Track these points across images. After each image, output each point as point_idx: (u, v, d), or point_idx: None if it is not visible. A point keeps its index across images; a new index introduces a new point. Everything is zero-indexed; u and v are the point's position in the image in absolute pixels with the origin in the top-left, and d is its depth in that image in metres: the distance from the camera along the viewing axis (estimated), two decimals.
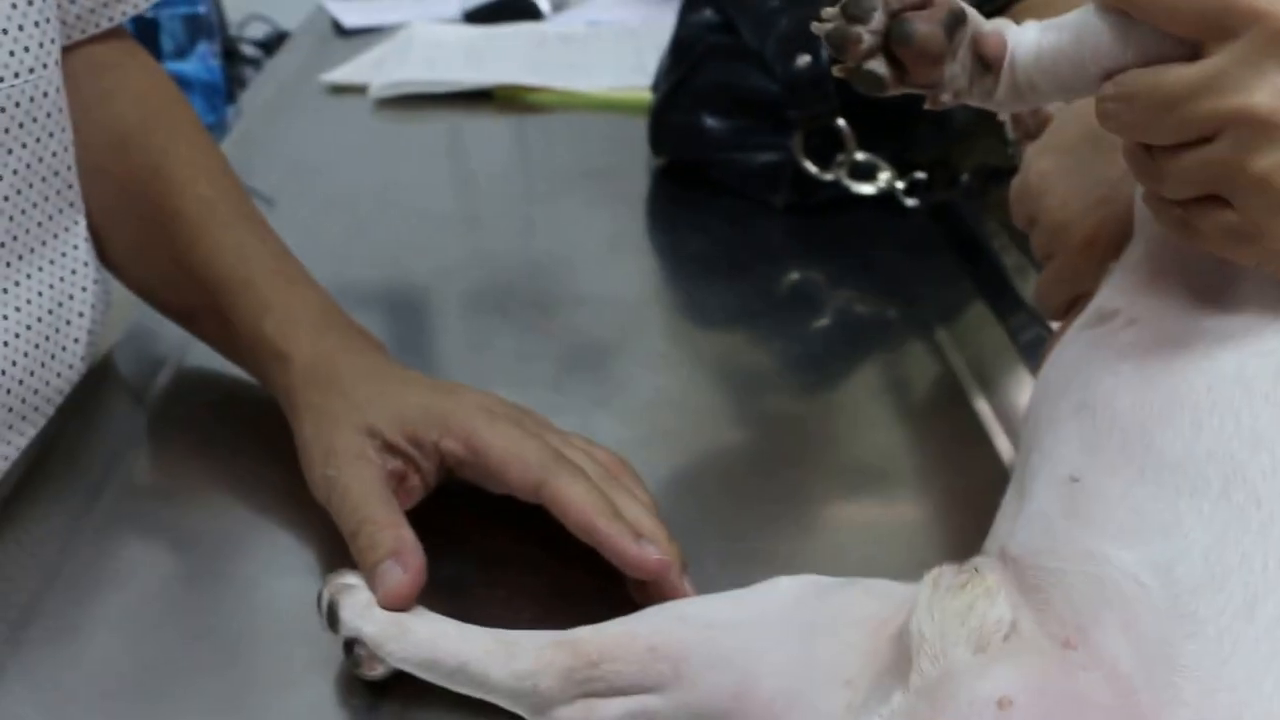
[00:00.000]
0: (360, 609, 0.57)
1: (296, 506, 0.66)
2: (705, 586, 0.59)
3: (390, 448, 0.64)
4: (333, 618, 0.57)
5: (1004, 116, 0.71)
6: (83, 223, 0.76)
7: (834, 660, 0.50)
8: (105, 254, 0.79)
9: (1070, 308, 0.60)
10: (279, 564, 0.65)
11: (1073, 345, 0.55)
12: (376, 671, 0.57)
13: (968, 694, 0.44)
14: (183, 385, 0.77)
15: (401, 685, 0.57)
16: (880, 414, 0.80)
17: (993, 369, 0.81)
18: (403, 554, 0.59)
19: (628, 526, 0.59)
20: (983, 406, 0.77)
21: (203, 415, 0.76)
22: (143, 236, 0.77)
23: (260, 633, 0.61)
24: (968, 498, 0.55)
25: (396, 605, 0.57)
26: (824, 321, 0.91)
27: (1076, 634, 0.45)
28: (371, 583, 0.58)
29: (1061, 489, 0.49)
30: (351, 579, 0.59)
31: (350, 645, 0.57)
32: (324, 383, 0.67)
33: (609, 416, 0.76)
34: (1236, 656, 0.42)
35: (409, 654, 0.56)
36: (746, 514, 0.69)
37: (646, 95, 1.13)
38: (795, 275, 0.98)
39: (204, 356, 0.77)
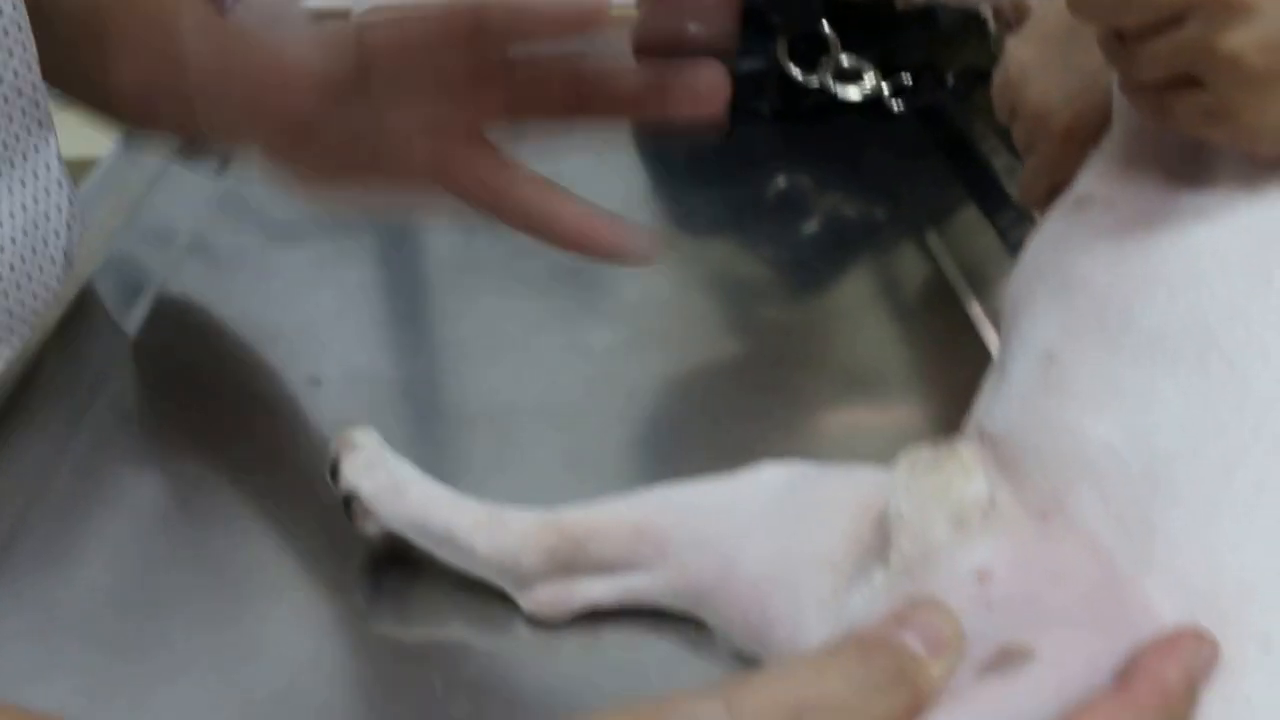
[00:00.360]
0: (360, 467, 0.58)
1: (282, 427, 0.66)
2: (693, 477, 0.59)
3: None
4: (334, 472, 0.58)
5: (985, 11, 0.71)
6: (54, 143, 0.74)
7: (818, 544, 0.50)
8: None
9: (1052, 198, 0.60)
10: (265, 484, 0.65)
11: (1050, 231, 0.55)
12: (369, 528, 0.58)
13: (947, 569, 0.44)
14: (164, 311, 0.77)
15: (393, 601, 0.57)
16: (872, 317, 0.79)
17: (984, 270, 0.80)
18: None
19: None
20: (974, 308, 0.77)
21: (185, 340, 0.76)
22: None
23: (249, 551, 0.61)
24: (960, 398, 0.55)
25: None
26: (813, 226, 0.91)
27: (1054, 506, 0.45)
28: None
29: (1038, 366, 0.49)
30: (359, 436, 0.59)
31: (348, 501, 0.58)
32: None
33: (597, 321, 0.75)
34: (1214, 522, 0.42)
35: (400, 515, 0.57)
36: (736, 413, 0.69)
37: (631, 10, 1.12)
38: (783, 181, 0.97)
39: (185, 282, 0.77)
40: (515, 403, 0.68)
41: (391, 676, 0.55)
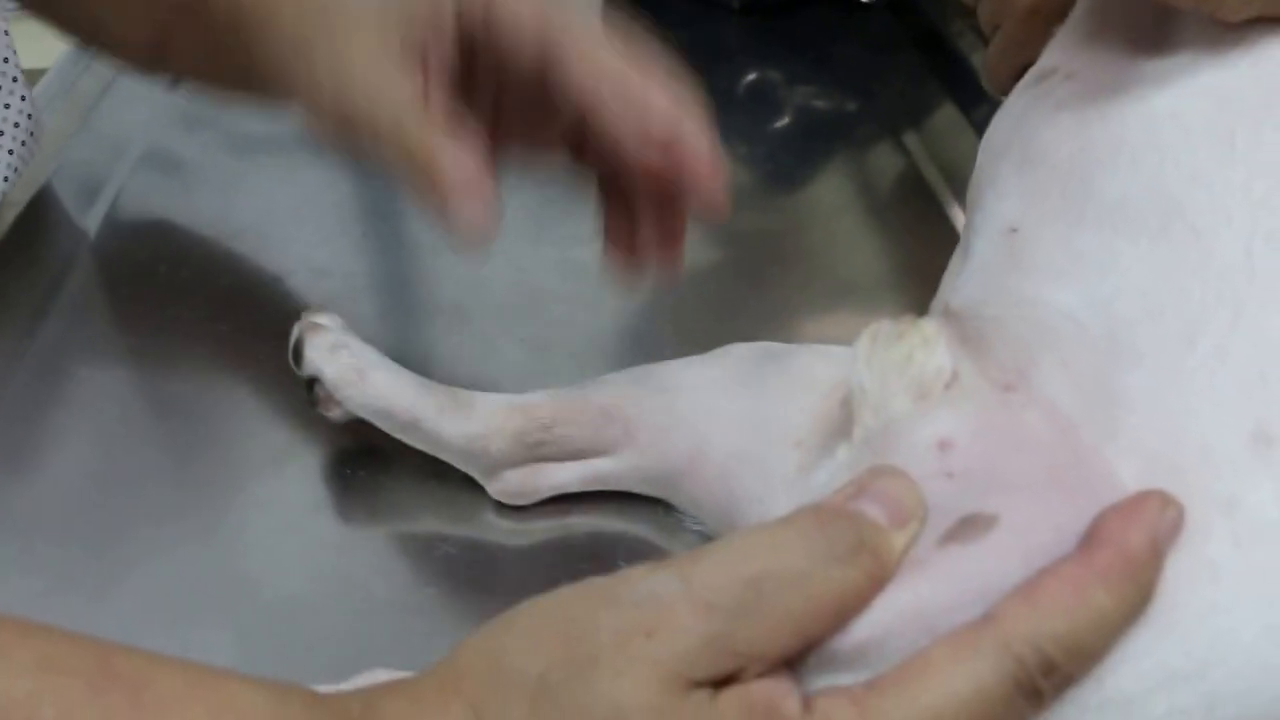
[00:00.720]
0: (324, 350, 0.57)
1: (245, 321, 0.65)
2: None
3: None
4: (298, 355, 0.57)
5: None
6: (5, 39, 0.73)
7: (786, 423, 0.50)
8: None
9: (1018, 80, 0.58)
10: (229, 379, 0.64)
11: (1013, 106, 0.54)
12: (333, 413, 0.57)
13: (909, 440, 0.43)
14: (123, 212, 0.75)
15: (362, 492, 0.57)
16: (848, 216, 0.78)
17: (962, 171, 0.78)
18: (460, 184, 0.47)
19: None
20: (953, 209, 0.76)
21: (144, 239, 0.74)
22: None
23: (214, 446, 0.60)
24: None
25: (478, 245, 0.47)
26: (784, 121, 0.90)
27: (1017, 377, 0.44)
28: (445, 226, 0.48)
29: (1001, 240, 0.48)
30: (322, 319, 0.59)
31: (311, 385, 0.57)
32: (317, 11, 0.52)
33: (568, 216, 0.74)
34: (1175, 387, 0.41)
35: (364, 401, 0.56)
36: (708, 306, 0.68)
37: None
38: (753, 75, 0.95)
39: (144, 185, 0.76)
40: (482, 294, 0.67)
41: (361, 566, 0.55)
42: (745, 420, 0.51)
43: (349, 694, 0.37)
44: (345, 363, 0.56)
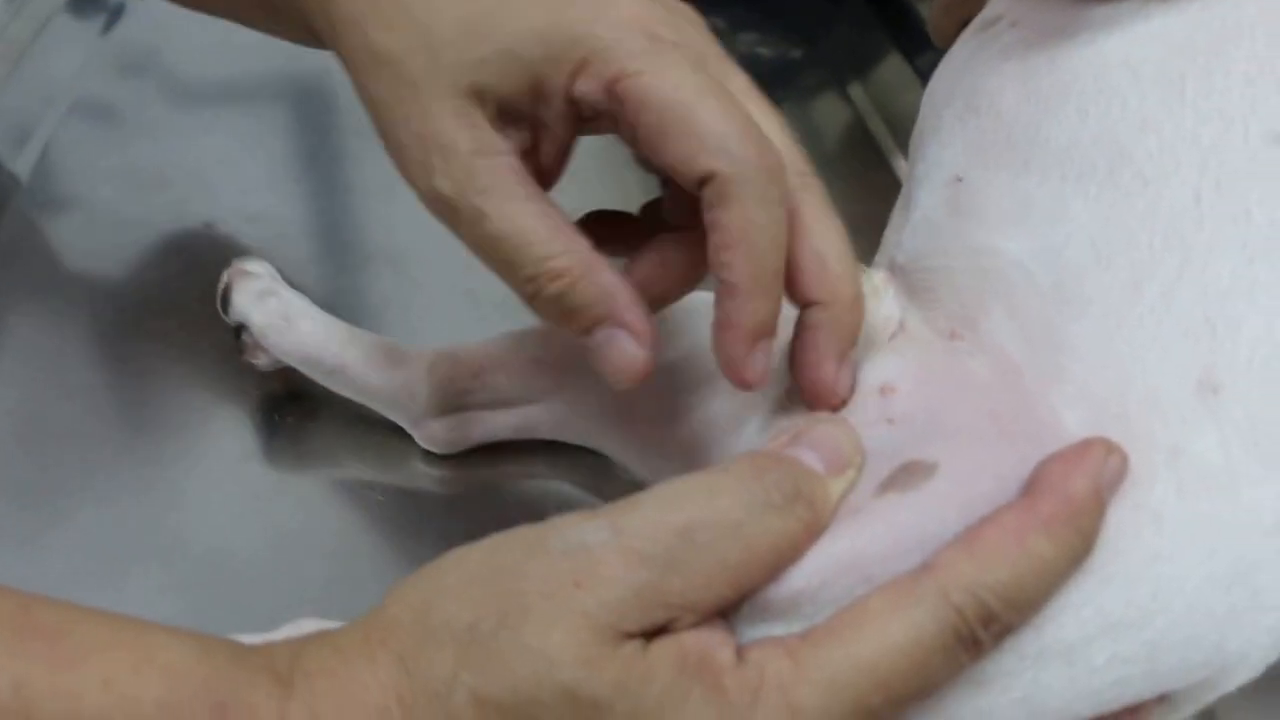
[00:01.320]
0: (252, 296, 0.55)
1: (174, 267, 0.63)
2: None
3: (507, 114, 0.42)
4: (225, 301, 0.55)
5: None
6: None
7: (715, 372, 0.48)
8: None
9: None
10: (158, 325, 0.61)
11: (957, 55, 0.52)
12: (259, 360, 0.55)
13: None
14: (54, 158, 0.71)
15: (290, 441, 0.55)
16: None
17: (909, 122, 0.78)
18: (617, 312, 0.41)
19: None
20: (899, 162, 0.74)
21: (75, 185, 0.69)
22: None
23: (142, 393, 0.58)
24: None
25: (634, 384, 0.42)
26: None
27: (964, 325, 0.43)
28: (593, 360, 0.42)
29: (946, 191, 0.47)
30: (252, 266, 0.57)
31: (238, 332, 0.55)
32: (385, 8, 0.42)
33: None
34: (1122, 333, 0.40)
35: (291, 348, 0.54)
36: None
37: None
38: None
39: (76, 129, 0.72)
40: (415, 242, 0.65)
41: (290, 514, 0.53)
42: (679, 368, 0.49)
43: (274, 645, 0.35)
44: (273, 309, 0.55)
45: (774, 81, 0.82)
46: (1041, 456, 0.37)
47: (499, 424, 0.53)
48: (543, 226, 0.40)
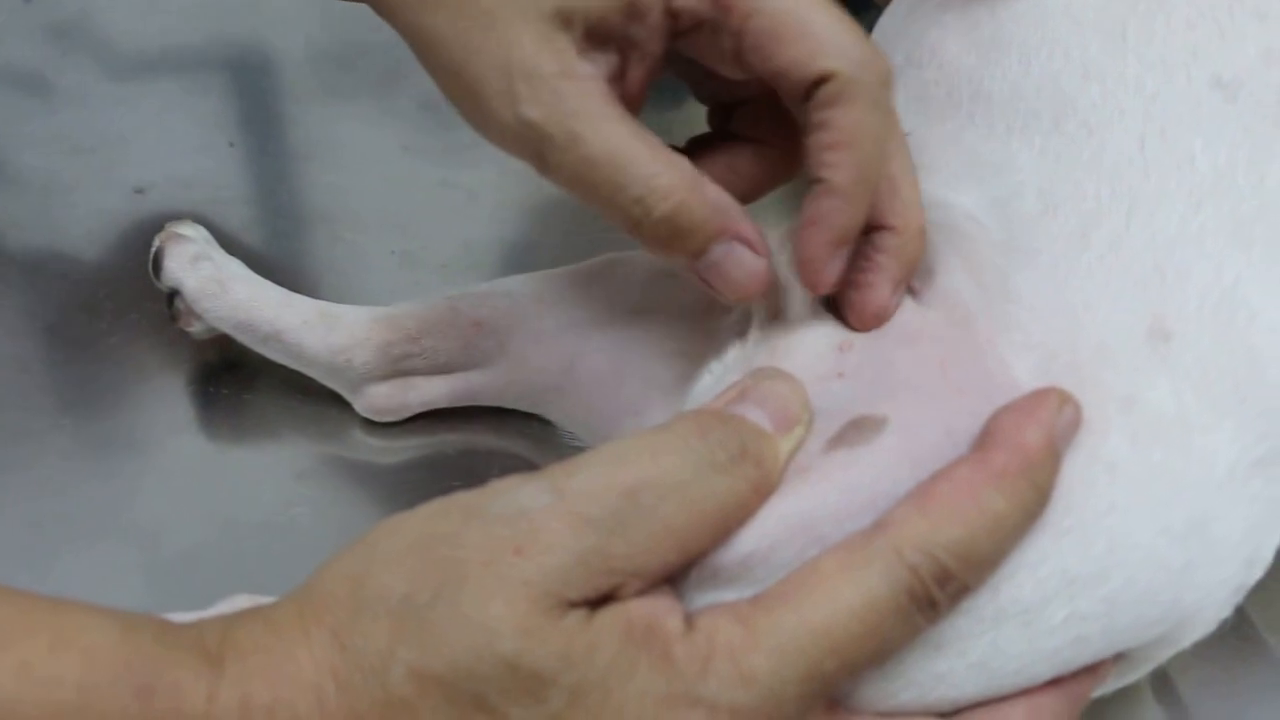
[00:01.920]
0: (185, 261, 0.53)
1: (104, 235, 0.60)
2: None
3: (595, 36, 0.39)
4: (157, 266, 0.53)
5: None
6: None
7: (668, 332, 0.47)
8: None
9: None
10: (88, 294, 0.58)
11: (897, 8, 0.50)
12: (193, 327, 0.53)
13: (808, 340, 0.40)
14: None
15: (226, 411, 0.53)
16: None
17: None
18: (731, 225, 0.39)
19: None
20: None
21: (2, 151, 0.67)
22: None
23: (76, 356, 0.55)
24: None
25: (754, 296, 0.41)
26: None
27: (921, 278, 0.42)
28: (708, 279, 0.40)
29: None
30: (186, 230, 0.54)
31: (171, 298, 0.53)
32: None
33: (445, 152, 0.68)
34: (1072, 282, 0.39)
35: (225, 314, 0.52)
36: (590, 229, 0.62)
37: None
38: None
39: (3, 97, 0.70)
40: (353, 206, 0.62)
41: (225, 486, 0.51)
42: (623, 330, 0.48)
43: (204, 622, 0.33)
44: (206, 274, 0.52)
45: None
46: (991, 408, 0.36)
47: (439, 390, 0.51)
48: (642, 145, 0.38)
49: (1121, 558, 0.35)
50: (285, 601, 0.33)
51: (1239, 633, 0.39)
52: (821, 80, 0.38)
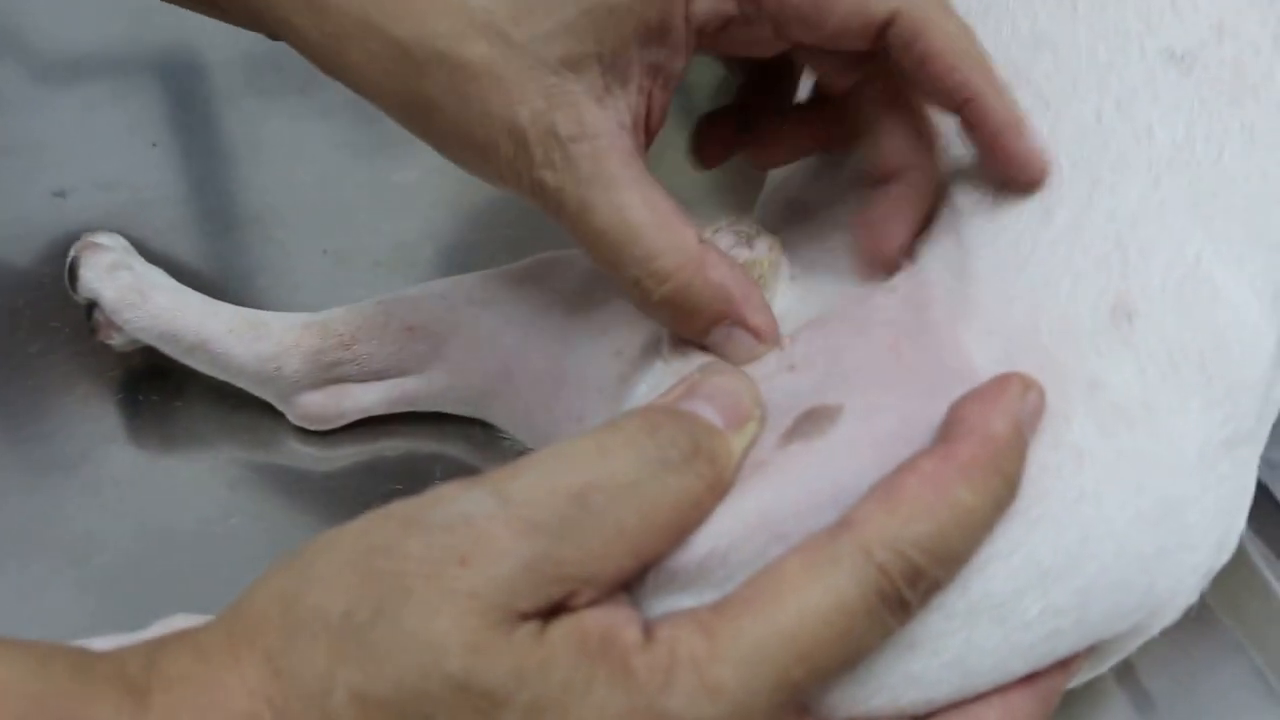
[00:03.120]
0: (101, 271, 0.50)
1: (23, 242, 0.57)
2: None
3: (613, 71, 0.37)
4: (73, 277, 0.50)
5: None
6: None
7: (604, 331, 0.44)
8: None
9: None
10: (7, 298, 0.55)
11: None
12: (114, 339, 0.50)
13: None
14: None
15: (154, 421, 0.50)
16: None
17: None
18: (734, 310, 0.38)
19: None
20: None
21: None
22: None
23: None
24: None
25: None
26: None
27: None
28: (712, 350, 0.39)
29: None
30: (103, 239, 0.51)
31: (90, 309, 0.50)
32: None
33: (380, 151, 0.64)
34: (1034, 260, 0.37)
35: (146, 324, 0.49)
36: (525, 228, 0.59)
37: None
38: None
39: None
40: (282, 205, 0.59)
41: (156, 499, 0.48)
42: (560, 331, 0.45)
43: (126, 651, 0.30)
44: (125, 284, 0.49)
45: None
46: (949, 392, 0.34)
47: (374, 397, 0.49)
48: (652, 218, 0.37)
49: (1094, 548, 0.33)
50: (214, 624, 0.31)
51: (1193, 613, 0.37)
52: (889, 22, 0.36)
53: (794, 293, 0.41)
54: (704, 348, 0.39)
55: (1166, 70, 0.39)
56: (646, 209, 0.37)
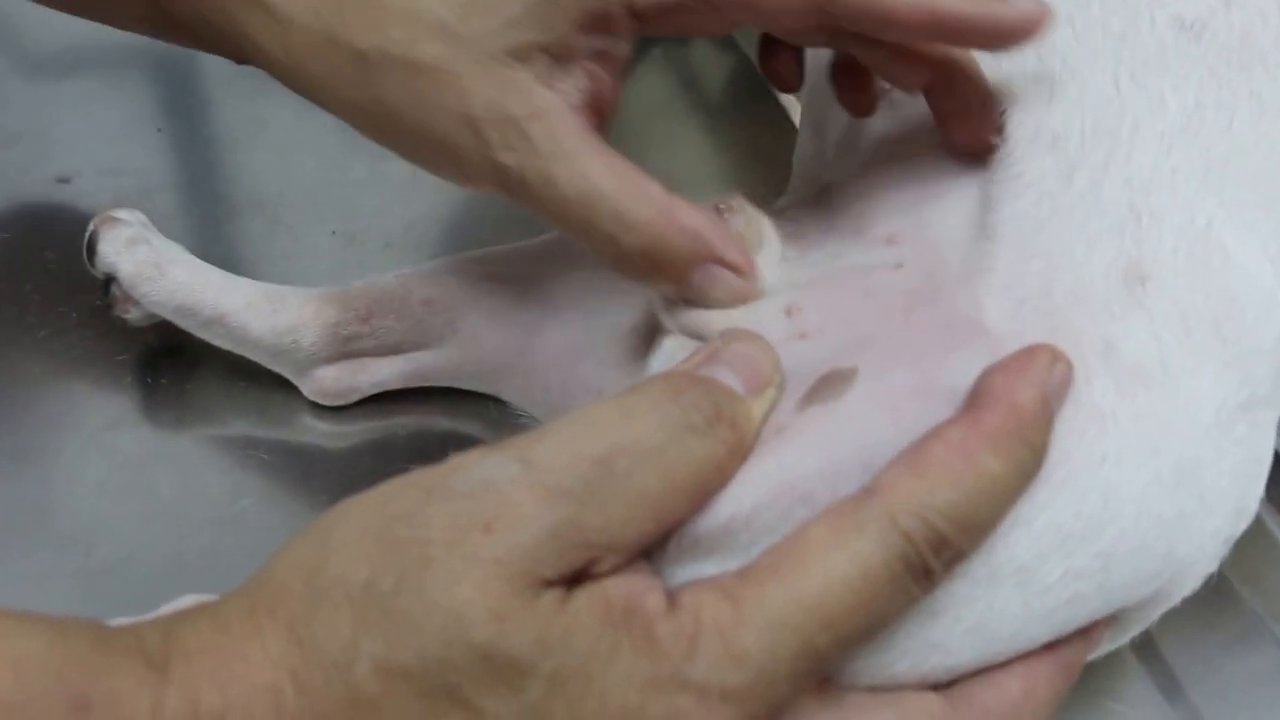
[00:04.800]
0: (120, 244, 0.48)
1: (30, 225, 0.56)
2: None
3: (559, 59, 0.38)
4: (91, 251, 0.49)
5: None
6: None
7: (623, 306, 0.44)
8: None
9: None
10: (17, 282, 0.54)
11: None
12: (130, 314, 0.49)
13: (756, 320, 0.38)
14: None
15: (170, 399, 0.50)
16: (672, 118, 0.69)
17: None
18: (705, 249, 0.38)
19: None
20: (793, 102, 0.68)
21: None
22: None
23: (5, 351, 0.51)
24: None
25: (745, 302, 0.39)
26: None
27: (903, 226, 0.39)
28: (694, 300, 0.39)
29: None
30: (122, 214, 0.50)
31: (107, 284, 0.49)
32: (353, 9, 0.38)
33: None
34: (1052, 221, 0.36)
35: (164, 298, 0.48)
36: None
37: None
38: None
39: None
40: (288, 188, 0.58)
41: (168, 479, 0.48)
42: (577, 306, 0.45)
43: (144, 625, 0.30)
44: (143, 257, 0.48)
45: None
46: (965, 350, 0.34)
47: (390, 371, 0.48)
48: (614, 179, 0.37)
49: (1115, 512, 0.33)
50: (234, 596, 0.30)
51: (1212, 585, 0.37)
52: None
53: (791, 269, 0.40)
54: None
55: (1177, 39, 0.38)
56: (609, 171, 0.37)
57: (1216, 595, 0.38)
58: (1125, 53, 0.38)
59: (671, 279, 0.38)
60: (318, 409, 0.49)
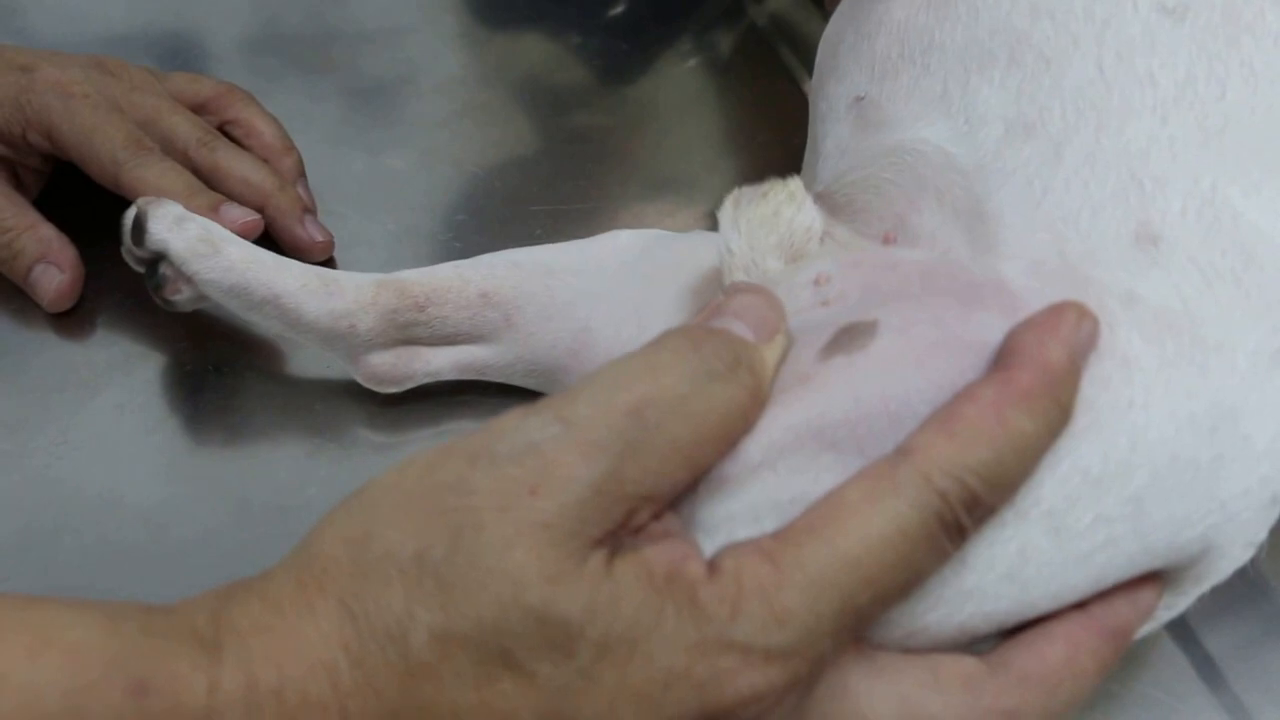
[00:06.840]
0: (170, 222, 0.44)
1: (72, 215, 0.53)
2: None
3: None
4: (139, 231, 0.44)
5: None
6: None
7: (671, 308, 0.42)
8: None
9: None
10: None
11: (844, 5, 0.46)
12: (180, 294, 0.45)
13: (784, 285, 0.36)
14: None
15: (218, 416, 0.48)
16: (693, 110, 0.68)
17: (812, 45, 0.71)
18: (50, 254, 0.49)
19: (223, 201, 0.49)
20: (809, 85, 0.65)
21: None
22: None
23: (58, 343, 0.51)
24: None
25: (62, 306, 0.49)
26: (619, 8, 0.82)
27: (897, 226, 0.37)
28: (32, 293, 0.49)
29: (850, 113, 0.41)
30: (166, 198, 0.46)
31: (155, 263, 0.44)
32: None
33: (396, 146, 0.62)
34: (1050, 198, 0.35)
35: (217, 276, 0.44)
36: (552, 210, 0.58)
37: None
38: None
39: None
40: (331, 181, 0.57)
41: (235, 469, 0.47)
42: (631, 306, 0.43)
43: (190, 604, 0.28)
44: (194, 235, 0.44)
45: (670, 19, 0.76)
46: (982, 303, 0.32)
47: (445, 361, 0.46)
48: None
49: (1145, 455, 0.30)
50: (279, 572, 0.28)
51: (1245, 578, 0.36)
52: (118, 180, 0.50)
53: (820, 251, 0.39)
54: None
55: (1161, 23, 0.37)
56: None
57: (1253, 589, 0.37)
58: (1109, 37, 0.36)
59: (21, 271, 0.51)
60: (381, 400, 0.47)
